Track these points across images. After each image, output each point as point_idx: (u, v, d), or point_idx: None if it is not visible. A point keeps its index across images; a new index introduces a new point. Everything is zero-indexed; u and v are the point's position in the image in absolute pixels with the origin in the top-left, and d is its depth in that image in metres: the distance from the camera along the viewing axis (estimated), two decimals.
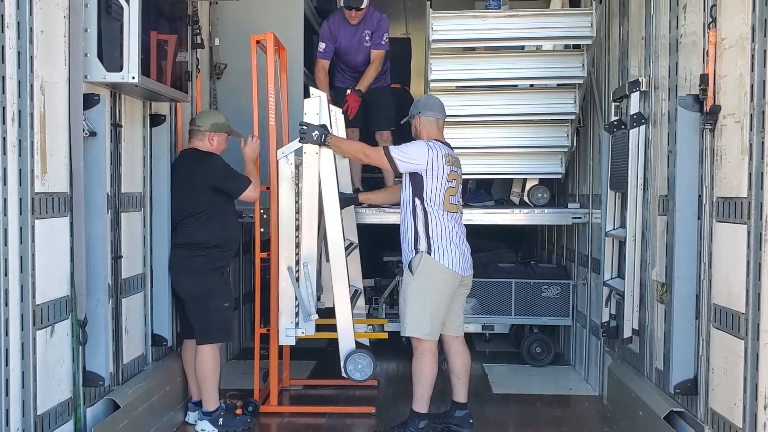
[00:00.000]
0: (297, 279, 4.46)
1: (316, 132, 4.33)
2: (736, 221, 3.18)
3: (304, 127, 4.36)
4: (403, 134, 5.82)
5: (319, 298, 4.71)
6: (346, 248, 4.61)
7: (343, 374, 4.42)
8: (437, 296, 4.27)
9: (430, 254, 4.23)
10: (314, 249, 4.47)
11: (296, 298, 4.45)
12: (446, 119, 4.56)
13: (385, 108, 5.80)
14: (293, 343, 4.63)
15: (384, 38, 5.70)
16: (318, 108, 4.40)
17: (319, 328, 4.61)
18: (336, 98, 5.59)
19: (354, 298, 4.94)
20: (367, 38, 5.67)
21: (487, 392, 5.51)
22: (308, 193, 4.45)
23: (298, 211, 4.55)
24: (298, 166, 4.55)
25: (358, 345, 4.48)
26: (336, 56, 5.74)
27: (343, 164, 5.15)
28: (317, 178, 4.40)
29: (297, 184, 4.55)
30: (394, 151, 4.29)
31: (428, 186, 4.24)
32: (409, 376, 4.44)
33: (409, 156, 4.26)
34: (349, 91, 5.54)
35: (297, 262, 4.52)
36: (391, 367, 6.22)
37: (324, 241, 4.59)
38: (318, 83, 5.59)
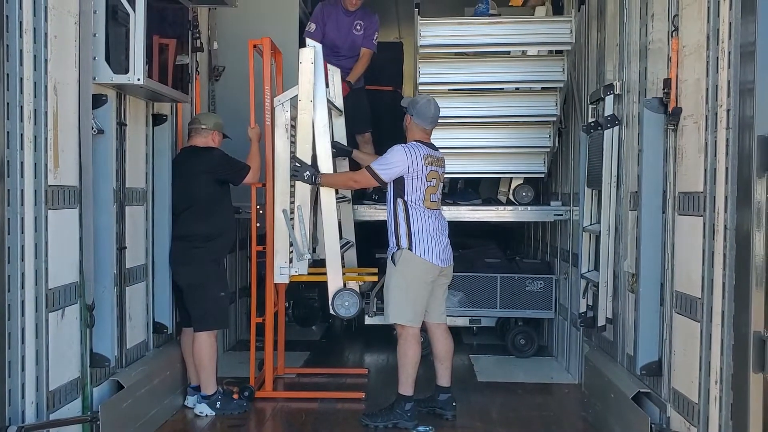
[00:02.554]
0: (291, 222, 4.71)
1: (308, 172, 4.65)
2: (694, 214, 3.46)
3: (297, 165, 4.66)
4: (384, 134, 6.12)
5: (314, 250, 4.96)
6: (339, 200, 4.87)
7: (331, 311, 4.72)
8: (418, 286, 4.55)
9: (411, 250, 4.52)
10: (308, 194, 4.73)
11: (290, 239, 4.70)
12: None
13: (361, 110, 6.03)
14: (287, 281, 4.88)
15: (375, 38, 6.00)
16: (313, 57, 4.64)
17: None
18: None
19: (345, 247, 5.19)
20: (358, 27, 5.95)
21: (472, 380, 5.78)
22: (302, 138, 4.69)
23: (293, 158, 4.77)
24: (294, 118, 4.77)
25: (348, 289, 4.73)
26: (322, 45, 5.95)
27: (339, 122, 5.38)
28: (311, 124, 4.66)
29: (293, 135, 4.78)
30: (376, 166, 4.58)
31: (409, 186, 4.52)
32: (396, 367, 4.69)
33: (389, 165, 4.54)
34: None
35: (292, 211, 4.74)
36: (381, 357, 6.49)
37: (318, 191, 4.84)
38: None
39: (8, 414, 3.14)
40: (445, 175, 4.96)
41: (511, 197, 6.31)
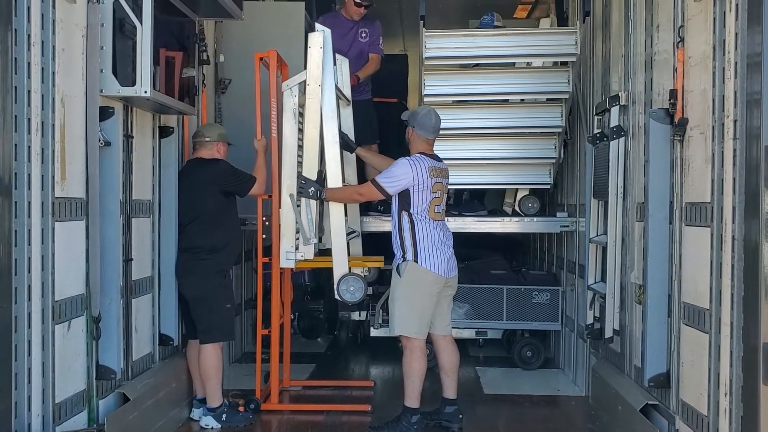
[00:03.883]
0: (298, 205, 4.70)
1: (312, 188, 4.65)
2: (701, 225, 3.45)
3: (302, 182, 4.66)
4: (389, 146, 6.13)
5: (320, 239, 4.93)
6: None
7: (336, 296, 4.69)
8: (424, 297, 4.55)
9: (417, 262, 4.52)
10: (314, 177, 4.69)
11: (297, 224, 4.67)
12: (441, 132, 4.78)
13: (368, 121, 6.03)
14: (293, 266, 4.83)
15: (380, 42, 6.08)
16: (322, 42, 4.62)
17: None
18: None
19: (350, 236, 5.15)
20: (363, 35, 6.02)
21: (479, 393, 5.75)
22: (310, 123, 4.67)
23: (300, 147, 4.76)
24: (302, 105, 4.75)
25: (353, 274, 4.70)
26: None
27: (347, 112, 5.34)
28: (319, 109, 4.63)
29: (300, 122, 4.77)
30: (381, 179, 4.59)
31: (414, 199, 4.52)
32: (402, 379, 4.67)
33: (394, 178, 4.54)
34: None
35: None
36: (387, 369, 6.46)
37: (324, 178, 4.80)
38: None
39: (14, 426, 3.13)
40: (451, 187, 4.97)
41: (516, 208, 6.29)
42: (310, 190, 4.66)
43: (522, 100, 6.04)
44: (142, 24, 3.89)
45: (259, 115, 5.01)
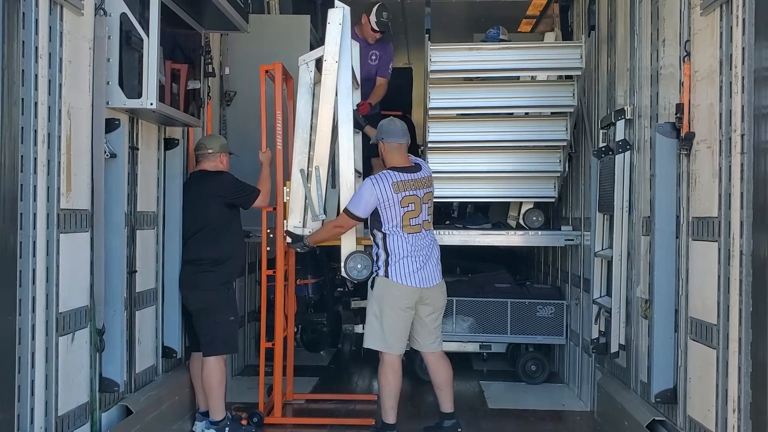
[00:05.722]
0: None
1: (300, 242, 4.78)
2: (708, 239, 3.44)
3: (289, 240, 4.83)
4: None
5: (322, 223, 4.91)
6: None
7: (343, 273, 4.69)
8: (393, 312, 4.51)
9: (387, 276, 4.50)
10: (326, 155, 4.67)
11: (306, 199, 4.67)
12: (446, 145, 4.76)
13: None
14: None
15: (389, 67, 6.13)
16: (341, 18, 4.60)
17: None
18: None
19: None
20: (374, 57, 6.08)
21: (483, 407, 5.71)
22: (326, 99, 4.64)
23: (312, 127, 4.75)
24: (317, 83, 4.74)
25: (360, 252, 4.69)
26: None
27: (356, 95, 5.25)
28: (335, 86, 4.61)
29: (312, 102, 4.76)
30: (350, 206, 4.55)
31: (383, 215, 4.49)
32: (407, 392, 4.64)
33: (361, 201, 4.51)
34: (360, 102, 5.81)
35: (308, 177, 4.73)
36: None
37: (336, 156, 4.80)
38: None
39: None
40: (455, 200, 4.93)
41: (521, 222, 6.28)
42: (296, 247, 4.81)
43: (527, 113, 6.05)
44: (148, 36, 3.90)
45: (264, 128, 5.01)
